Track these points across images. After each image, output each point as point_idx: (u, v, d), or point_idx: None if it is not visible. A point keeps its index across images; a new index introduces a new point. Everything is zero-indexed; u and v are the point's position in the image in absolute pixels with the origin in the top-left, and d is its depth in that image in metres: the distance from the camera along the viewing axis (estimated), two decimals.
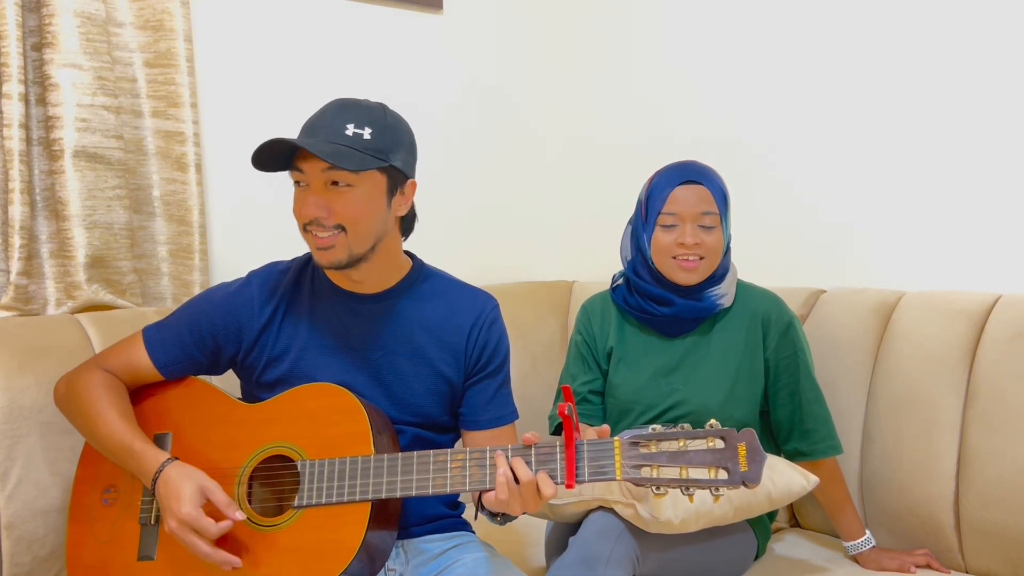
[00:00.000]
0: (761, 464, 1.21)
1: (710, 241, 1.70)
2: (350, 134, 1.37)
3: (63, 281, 1.82)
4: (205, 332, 1.50)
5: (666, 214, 1.71)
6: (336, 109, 1.41)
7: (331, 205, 1.38)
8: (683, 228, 1.70)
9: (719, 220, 1.71)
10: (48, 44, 1.75)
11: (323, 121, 1.40)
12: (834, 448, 1.77)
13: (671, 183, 1.72)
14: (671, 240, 1.71)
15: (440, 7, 2.46)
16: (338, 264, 1.42)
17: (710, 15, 2.36)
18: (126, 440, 1.41)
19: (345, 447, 1.37)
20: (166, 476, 1.35)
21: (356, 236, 1.41)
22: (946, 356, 1.77)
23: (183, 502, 1.31)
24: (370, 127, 1.39)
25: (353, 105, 1.42)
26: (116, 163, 1.84)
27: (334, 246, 1.40)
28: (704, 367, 1.76)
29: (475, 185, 2.59)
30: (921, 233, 1.99)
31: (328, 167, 1.36)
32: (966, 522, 1.73)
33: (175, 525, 1.32)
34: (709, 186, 1.71)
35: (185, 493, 1.32)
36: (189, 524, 1.31)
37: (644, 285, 1.77)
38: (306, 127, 1.41)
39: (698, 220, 1.70)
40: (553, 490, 1.26)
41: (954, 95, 1.93)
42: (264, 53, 2.16)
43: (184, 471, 1.36)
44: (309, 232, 1.41)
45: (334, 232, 1.39)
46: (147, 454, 1.39)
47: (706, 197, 1.70)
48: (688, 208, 1.69)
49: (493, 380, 1.54)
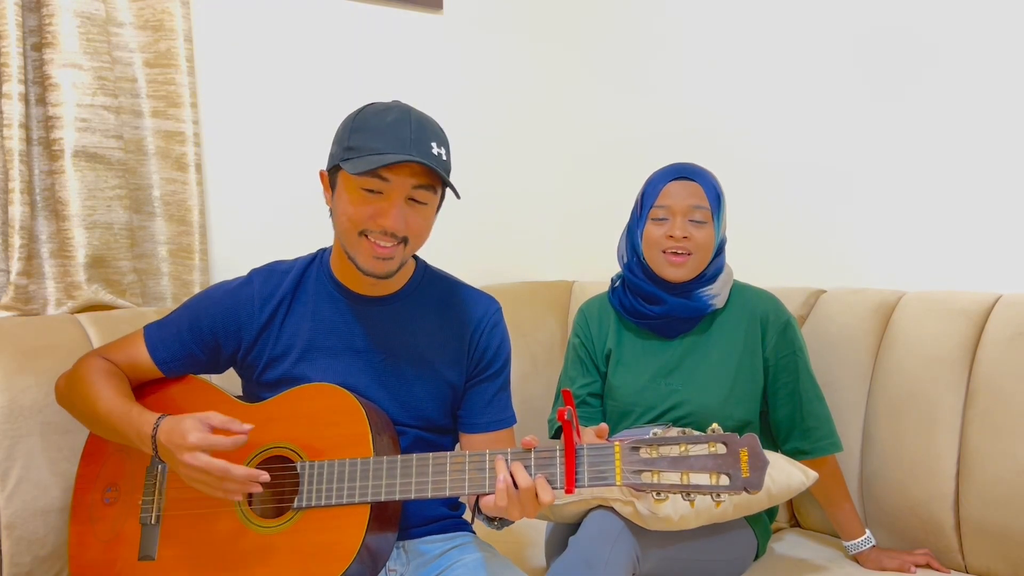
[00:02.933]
0: (763, 470, 1.20)
1: (700, 236, 1.71)
2: (435, 153, 1.38)
3: (63, 281, 1.82)
4: (205, 329, 1.50)
5: (658, 207, 1.74)
6: (417, 123, 1.38)
7: (408, 220, 1.39)
8: (673, 221, 1.72)
9: (710, 216, 1.72)
10: (48, 44, 1.75)
11: (409, 134, 1.36)
12: (834, 446, 1.77)
13: (664, 179, 1.76)
14: (661, 233, 1.73)
15: (440, 7, 2.46)
16: (390, 273, 1.43)
17: (710, 15, 2.35)
18: (123, 410, 1.40)
19: (345, 448, 1.37)
20: (164, 427, 1.34)
21: (413, 248, 1.44)
22: (946, 356, 1.77)
23: (187, 433, 1.30)
24: (444, 148, 1.40)
25: (427, 119, 1.41)
26: (116, 163, 1.84)
27: (393, 257, 1.40)
28: (703, 368, 1.76)
29: (475, 185, 2.58)
30: (921, 233, 1.99)
31: (417, 184, 1.37)
32: (966, 522, 1.73)
33: (188, 456, 1.29)
34: (701, 183, 1.74)
35: (187, 425, 1.31)
36: (200, 446, 1.29)
37: (637, 282, 1.78)
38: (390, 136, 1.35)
39: (689, 214, 1.72)
40: (551, 496, 1.25)
41: (954, 95, 1.93)
42: (264, 53, 2.16)
43: (179, 415, 1.34)
44: (367, 239, 1.39)
45: (397, 244, 1.40)
46: (143, 417, 1.37)
47: (697, 192, 1.73)
48: (679, 201, 1.72)
49: (493, 383, 1.55)
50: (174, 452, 1.31)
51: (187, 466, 1.30)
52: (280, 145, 2.17)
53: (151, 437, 1.35)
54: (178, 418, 1.34)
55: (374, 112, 1.40)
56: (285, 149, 2.18)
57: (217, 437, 1.30)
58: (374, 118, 1.39)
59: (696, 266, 1.73)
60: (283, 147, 2.18)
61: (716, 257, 1.76)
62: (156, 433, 1.34)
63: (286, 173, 2.17)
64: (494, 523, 1.39)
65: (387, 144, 1.35)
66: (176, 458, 1.31)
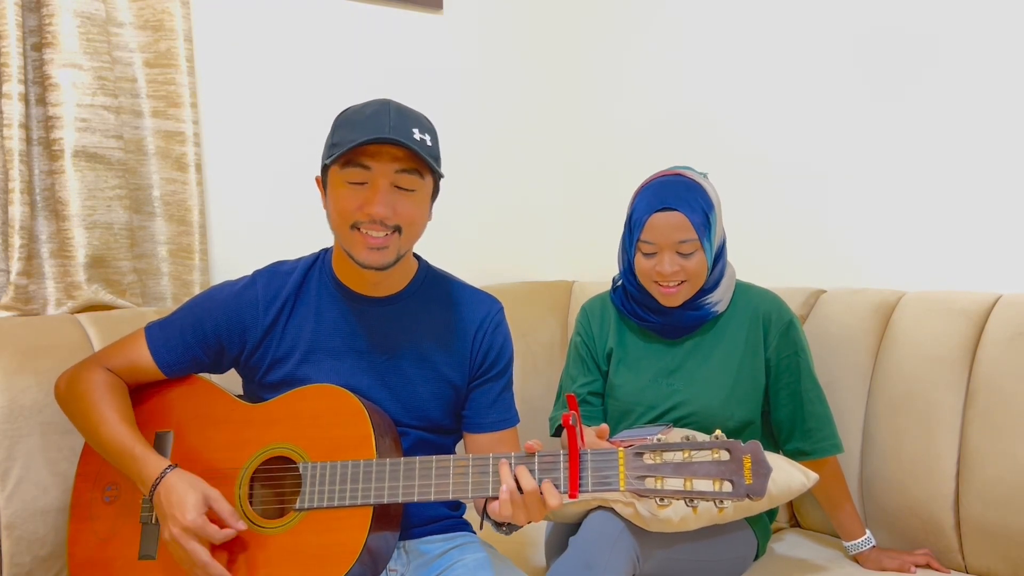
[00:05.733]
0: (766, 477, 1.20)
1: (690, 266, 1.69)
2: (418, 139, 1.37)
3: (63, 281, 1.81)
4: (209, 332, 1.50)
5: (644, 241, 1.70)
6: (397, 111, 1.38)
7: (396, 206, 1.38)
8: (661, 257, 1.69)
9: (698, 244, 1.69)
10: (48, 44, 1.75)
11: (388, 121, 1.36)
12: (835, 447, 1.77)
13: (649, 209, 1.70)
14: (650, 267, 1.71)
15: (440, 7, 2.46)
16: (387, 265, 1.41)
17: (711, 15, 2.35)
18: (127, 445, 1.40)
19: (347, 450, 1.37)
20: (168, 483, 1.35)
21: (408, 238, 1.42)
22: (946, 356, 1.77)
23: (187, 510, 1.31)
24: (428, 134, 1.40)
25: (408, 109, 1.41)
26: (116, 163, 1.84)
27: (388, 247, 1.39)
28: (705, 368, 1.76)
29: (475, 185, 2.59)
30: (921, 233, 1.99)
31: (400, 169, 1.36)
32: (966, 522, 1.73)
33: (178, 532, 1.31)
34: (686, 211, 1.68)
35: (189, 501, 1.32)
36: (194, 532, 1.31)
37: (636, 294, 1.78)
38: (368, 125, 1.36)
39: (676, 248, 1.69)
40: (558, 500, 1.25)
41: (954, 95, 1.93)
42: (264, 53, 2.16)
43: (186, 479, 1.35)
44: (360, 231, 1.39)
45: (390, 233, 1.39)
46: (148, 460, 1.38)
47: (682, 224, 1.67)
48: (664, 238, 1.68)
49: (496, 383, 1.55)
50: (168, 519, 1.33)
51: (175, 539, 1.32)
52: (280, 145, 2.17)
53: (152, 486, 1.36)
54: (186, 484, 1.34)
55: (355, 109, 1.42)
56: (285, 149, 2.17)
57: (212, 528, 1.32)
58: (355, 114, 1.40)
59: (689, 292, 1.72)
60: (283, 147, 2.17)
61: (715, 267, 1.74)
62: (158, 486, 1.35)
63: (286, 173, 2.17)
64: (502, 528, 1.39)
65: (365, 133, 1.35)
66: (168, 525, 1.33)
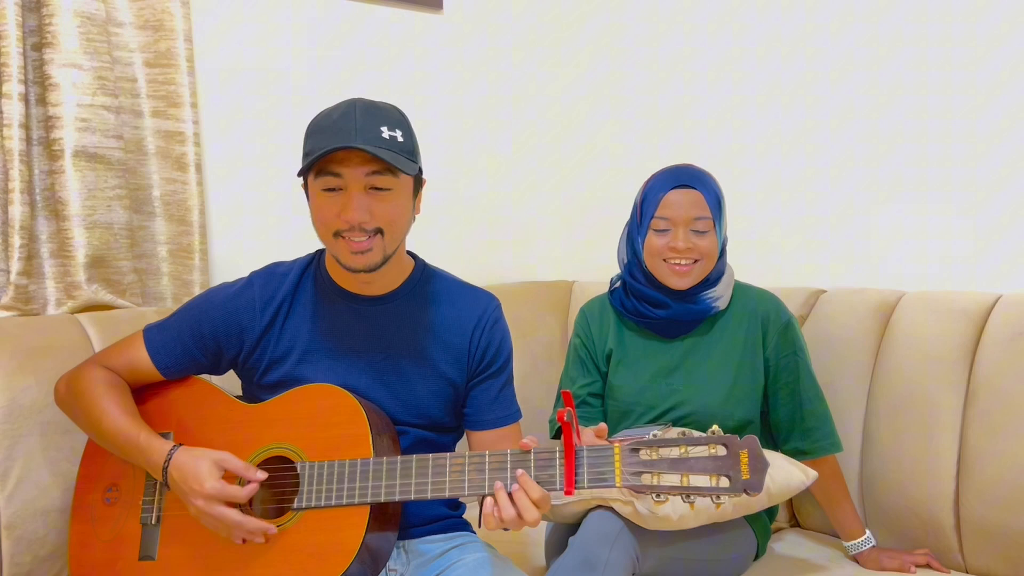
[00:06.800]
0: (763, 472, 1.20)
1: (703, 245, 1.70)
2: (387, 137, 1.36)
3: (63, 281, 1.82)
4: (206, 334, 1.50)
5: (659, 218, 1.71)
6: (363, 111, 1.37)
7: (372, 209, 1.37)
8: (675, 232, 1.70)
9: (712, 224, 1.71)
10: (48, 44, 1.75)
11: (354, 124, 1.35)
12: (835, 446, 1.77)
13: (664, 187, 1.72)
14: (664, 244, 1.71)
15: (440, 7, 2.46)
16: (374, 267, 1.41)
17: (708, 15, 2.35)
18: (131, 433, 1.41)
19: (345, 449, 1.37)
20: (177, 462, 1.36)
21: (392, 238, 1.41)
22: (946, 356, 1.77)
23: (204, 479, 1.32)
24: (399, 129, 1.38)
25: (376, 107, 1.40)
26: (116, 163, 1.84)
27: (371, 249, 1.39)
28: (704, 368, 1.76)
29: (475, 185, 2.59)
30: (921, 233, 1.99)
31: (371, 171, 1.35)
32: (966, 522, 1.73)
33: (202, 503, 1.32)
34: (702, 190, 1.71)
35: (203, 470, 1.33)
36: (217, 497, 1.32)
37: (639, 287, 1.78)
38: (334, 130, 1.35)
39: (691, 224, 1.70)
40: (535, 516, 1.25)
41: (954, 95, 1.92)
42: (264, 53, 2.16)
43: (192, 452, 1.36)
44: (343, 238, 1.38)
45: (372, 236, 1.38)
46: (153, 445, 1.39)
47: (699, 201, 1.70)
48: (681, 212, 1.70)
49: (497, 380, 1.55)
50: (189, 494, 1.34)
51: (201, 511, 1.33)
52: (280, 145, 2.17)
53: (163, 469, 1.37)
54: (193, 457, 1.35)
55: (324, 113, 1.41)
56: (285, 149, 2.18)
57: (233, 488, 1.33)
58: (323, 119, 1.39)
59: (700, 273, 1.73)
60: (283, 147, 2.17)
61: (719, 260, 1.76)
62: (168, 467, 1.36)
63: (286, 173, 2.16)
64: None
65: (331, 140, 1.34)
66: (190, 500, 1.34)
